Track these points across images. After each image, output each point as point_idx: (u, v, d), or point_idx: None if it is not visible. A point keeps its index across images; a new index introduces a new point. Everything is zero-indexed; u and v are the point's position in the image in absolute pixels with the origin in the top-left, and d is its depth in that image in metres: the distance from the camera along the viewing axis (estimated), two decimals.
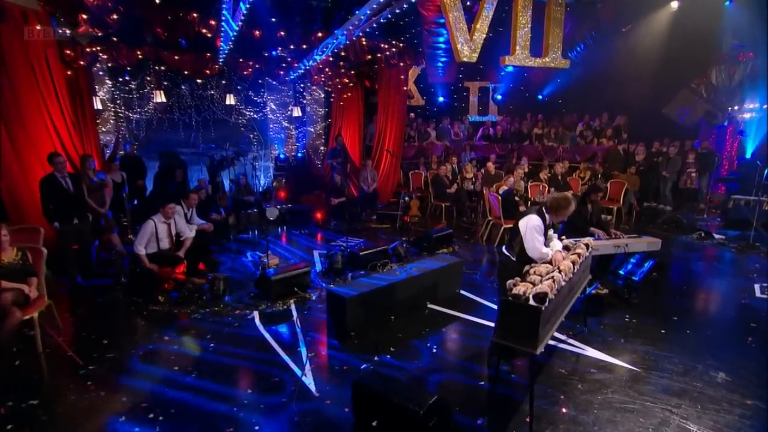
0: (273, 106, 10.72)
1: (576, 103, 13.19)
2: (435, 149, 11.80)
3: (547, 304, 3.16)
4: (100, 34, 6.31)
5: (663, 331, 4.74)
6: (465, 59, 8.08)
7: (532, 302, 3.16)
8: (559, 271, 3.58)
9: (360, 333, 4.63)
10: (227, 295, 5.45)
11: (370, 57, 9.23)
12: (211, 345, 4.44)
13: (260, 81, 10.03)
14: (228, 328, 4.80)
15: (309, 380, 3.83)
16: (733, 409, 3.46)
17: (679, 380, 3.85)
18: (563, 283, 3.56)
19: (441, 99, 13.68)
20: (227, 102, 9.63)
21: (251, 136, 10.46)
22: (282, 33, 7.81)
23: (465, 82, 13.79)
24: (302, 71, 9.03)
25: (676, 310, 5.25)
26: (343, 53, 8.67)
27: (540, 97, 13.92)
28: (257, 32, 7.58)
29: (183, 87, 9.11)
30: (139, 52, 7.45)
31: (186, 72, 8.33)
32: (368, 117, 11.06)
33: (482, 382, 3.86)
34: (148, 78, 8.47)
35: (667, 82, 11.67)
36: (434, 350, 4.39)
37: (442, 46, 9.95)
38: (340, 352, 4.33)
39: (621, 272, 6.00)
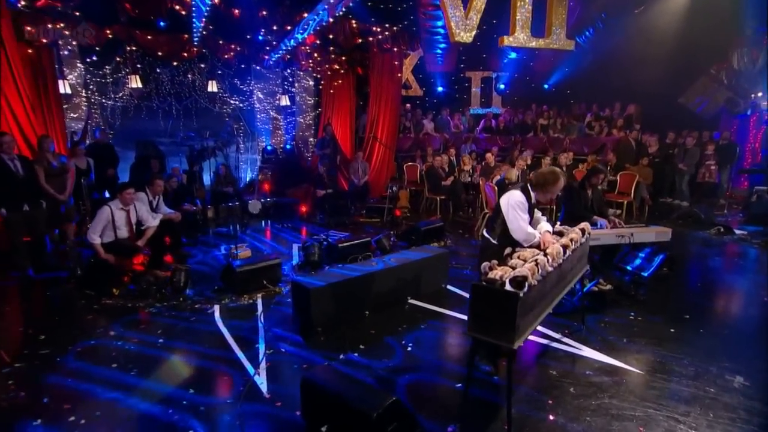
0: (260, 95, 10.26)
1: (584, 91, 12.54)
2: (432, 141, 11.25)
3: (526, 289, 2.70)
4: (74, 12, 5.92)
5: (672, 331, 4.26)
6: (459, 39, 7.60)
7: (508, 287, 2.70)
8: (545, 255, 3.08)
9: (328, 328, 4.24)
10: (190, 289, 5.05)
11: (360, 40, 8.76)
12: (160, 341, 4.06)
13: (243, 66, 9.56)
14: (184, 322, 4.42)
15: (261, 380, 3.46)
16: (751, 419, 3.01)
17: (689, 384, 3.40)
18: (550, 269, 3.10)
19: (440, 89, 13.13)
20: (209, 89, 9.19)
21: (235, 126, 10.02)
22: (264, 12, 7.36)
23: (466, 72, 13.29)
24: (284, 51, 8.54)
25: (689, 308, 4.76)
26: (331, 36, 8.22)
27: (546, 86, 13.34)
28: (236, 11, 7.15)
29: (159, 71, 8.62)
30: (108, 31, 7.05)
31: (161, 54, 7.89)
32: (361, 108, 10.59)
33: (459, 385, 3.41)
34: (119, 59, 8.01)
35: (684, 67, 10.95)
36: (409, 348, 3.98)
37: (441, 31, 9.50)
38: (302, 349, 3.94)
39: (628, 267, 5.50)
